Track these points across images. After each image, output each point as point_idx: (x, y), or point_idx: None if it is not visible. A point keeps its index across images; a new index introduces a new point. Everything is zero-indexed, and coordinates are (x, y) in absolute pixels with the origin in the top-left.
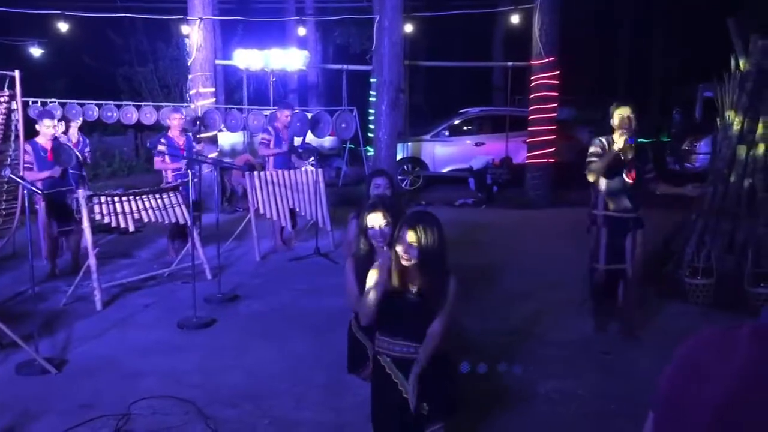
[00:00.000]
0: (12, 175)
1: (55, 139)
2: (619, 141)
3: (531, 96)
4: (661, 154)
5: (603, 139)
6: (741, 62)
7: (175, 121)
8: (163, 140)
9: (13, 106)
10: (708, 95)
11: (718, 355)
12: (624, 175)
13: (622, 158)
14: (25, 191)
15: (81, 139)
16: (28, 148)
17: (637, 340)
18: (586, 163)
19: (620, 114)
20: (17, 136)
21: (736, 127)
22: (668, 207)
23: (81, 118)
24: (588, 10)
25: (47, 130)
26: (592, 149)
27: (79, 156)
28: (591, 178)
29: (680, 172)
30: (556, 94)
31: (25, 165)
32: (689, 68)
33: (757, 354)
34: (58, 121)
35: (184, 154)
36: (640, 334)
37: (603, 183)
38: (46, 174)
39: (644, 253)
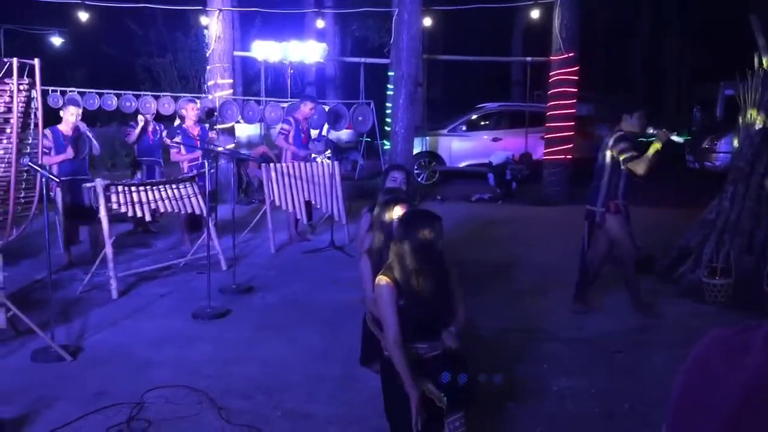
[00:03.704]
0: (31, 164)
1: (76, 128)
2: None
3: (550, 92)
4: (680, 152)
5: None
6: (764, 60)
7: (190, 112)
8: (178, 132)
9: (33, 94)
10: (729, 93)
11: (729, 359)
12: None
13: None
14: (43, 179)
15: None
16: (48, 134)
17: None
18: (635, 156)
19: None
20: (36, 125)
21: (759, 125)
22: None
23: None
24: (607, 6)
25: (71, 117)
26: (626, 144)
27: (93, 146)
28: (642, 170)
29: (700, 170)
30: (575, 90)
31: (44, 149)
32: (706, 66)
33: None
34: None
35: (199, 145)
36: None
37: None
38: (61, 157)
39: None
